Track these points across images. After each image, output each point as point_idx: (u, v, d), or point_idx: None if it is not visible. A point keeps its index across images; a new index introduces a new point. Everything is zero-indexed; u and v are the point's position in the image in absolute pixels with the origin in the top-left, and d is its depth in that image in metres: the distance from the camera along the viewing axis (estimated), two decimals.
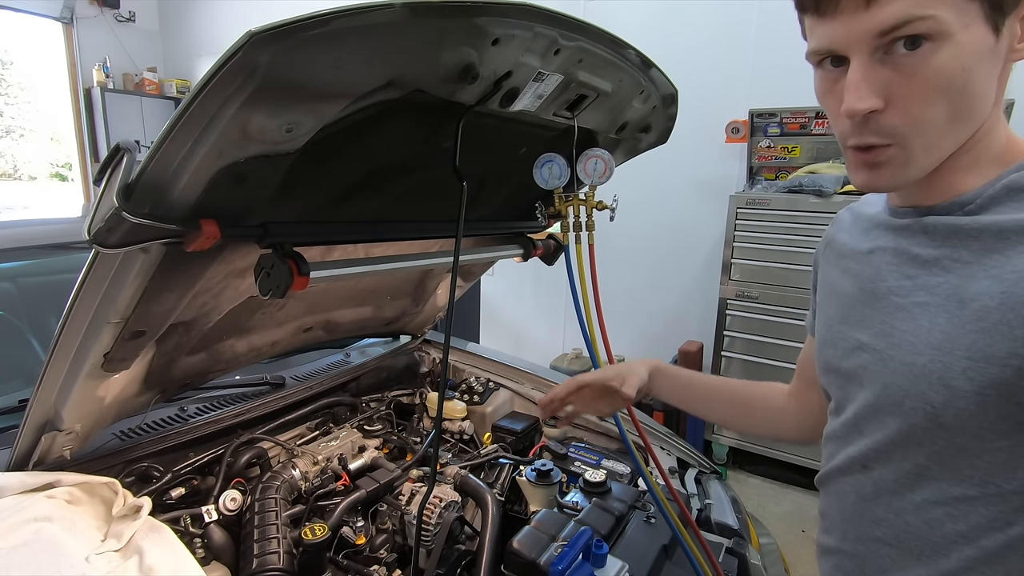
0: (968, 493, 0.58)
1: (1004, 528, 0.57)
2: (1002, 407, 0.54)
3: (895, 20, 0.50)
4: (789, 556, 1.42)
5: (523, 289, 4.42)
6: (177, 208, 0.76)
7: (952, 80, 0.51)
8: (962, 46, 0.50)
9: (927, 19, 0.49)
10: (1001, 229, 0.55)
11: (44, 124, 8.12)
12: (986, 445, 0.56)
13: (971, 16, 0.50)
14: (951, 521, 0.60)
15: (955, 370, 0.56)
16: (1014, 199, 0.56)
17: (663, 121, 1.25)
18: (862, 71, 0.53)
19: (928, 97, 0.52)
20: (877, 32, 0.51)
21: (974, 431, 0.56)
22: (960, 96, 0.52)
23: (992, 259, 0.55)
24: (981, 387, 0.54)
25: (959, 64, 0.51)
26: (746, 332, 3.11)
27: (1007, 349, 0.52)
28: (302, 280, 0.86)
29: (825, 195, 2.79)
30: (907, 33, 0.50)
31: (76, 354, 0.96)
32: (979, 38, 0.51)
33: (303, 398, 1.54)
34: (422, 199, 1.16)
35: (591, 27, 0.87)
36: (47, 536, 0.85)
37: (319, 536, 1.12)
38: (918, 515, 0.62)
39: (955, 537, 0.60)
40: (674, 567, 1.16)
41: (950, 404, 0.56)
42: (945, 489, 0.60)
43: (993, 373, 0.53)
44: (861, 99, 0.53)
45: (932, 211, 0.61)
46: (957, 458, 0.59)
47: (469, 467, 1.49)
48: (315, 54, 0.64)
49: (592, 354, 1.14)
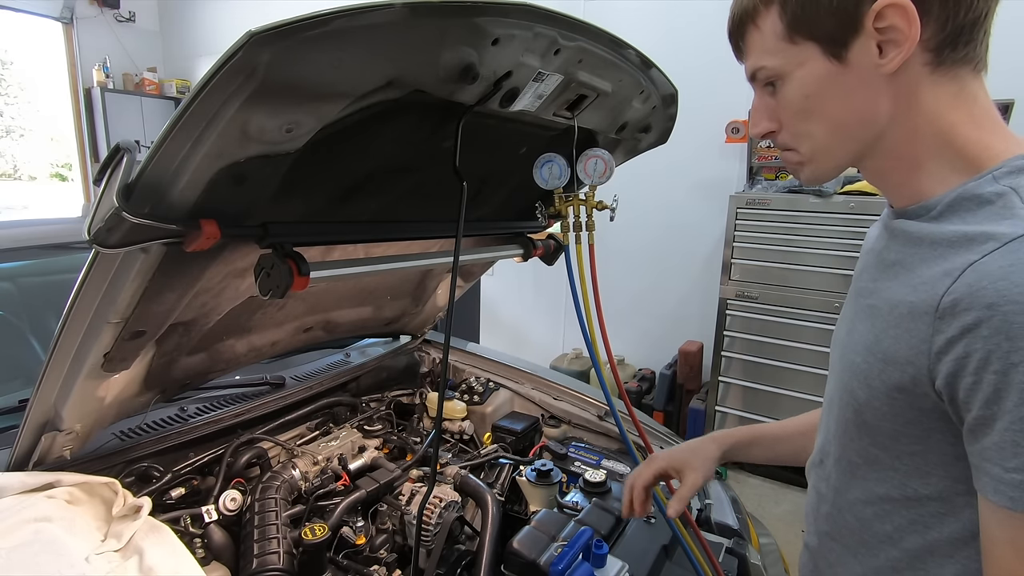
0: (890, 494, 0.63)
1: (923, 532, 0.61)
2: (908, 411, 0.59)
3: (751, 70, 0.66)
4: (789, 556, 1.42)
5: (523, 289, 4.42)
6: (177, 208, 0.76)
7: (802, 104, 0.63)
8: (801, 78, 0.62)
9: (763, 68, 0.64)
10: (935, 240, 0.58)
11: (44, 124, 8.12)
12: (903, 448, 0.61)
13: (804, 56, 0.60)
14: (879, 521, 0.65)
15: (874, 371, 0.61)
16: (964, 209, 0.57)
17: (663, 121, 1.25)
18: (755, 103, 0.68)
19: (795, 118, 0.64)
20: (749, 77, 0.67)
21: (890, 432, 0.62)
22: (820, 114, 0.63)
23: (920, 268, 0.58)
24: (890, 388, 0.59)
25: (802, 92, 0.62)
26: (746, 332, 3.11)
27: (904, 356, 0.57)
28: (302, 280, 0.86)
29: (825, 195, 2.79)
30: (760, 79, 0.65)
31: (76, 354, 0.96)
32: (818, 70, 0.60)
33: (303, 398, 1.54)
34: (422, 199, 1.15)
35: (591, 27, 0.87)
36: (47, 536, 0.85)
37: (319, 536, 1.12)
38: (853, 512, 0.68)
39: (882, 537, 0.65)
40: (674, 567, 1.16)
41: (869, 403, 0.62)
42: (872, 489, 0.65)
43: (896, 376, 0.58)
44: (755, 125, 0.69)
45: (904, 213, 0.64)
46: (880, 458, 0.64)
47: (469, 467, 1.49)
48: (315, 54, 0.64)
49: (592, 354, 1.14)
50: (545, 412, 1.81)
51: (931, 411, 0.57)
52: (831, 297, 2.84)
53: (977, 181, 0.57)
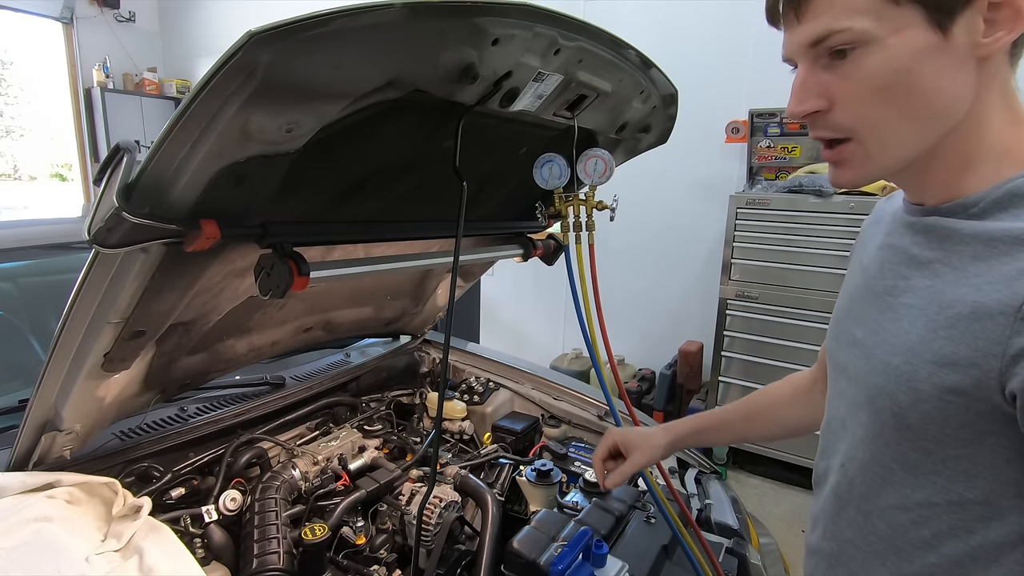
0: (931, 499, 0.59)
1: (965, 536, 0.58)
2: (963, 415, 0.55)
3: (818, 34, 0.55)
4: (789, 556, 1.42)
5: (523, 289, 4.42)
6: (177, 208, 0.76)
7: (887, 81, 0.54)
8: (893, 48, 0.53)
9: (844, 31, 0.53)
10: (992, 237, 0.55)
11: (44, 124, 8.12)
12: (949, 451, 0.57)
13: (904, 20, 0.52)
14: (915, 527, 0.61)
15: (922, 373, 0.57)
16: (1017, 206, 0.54)
17: (663, 121, 1.25)
18: (802, 77, 0.58)
19: (867, 98, 0.55)
20: (808, 44, 0.56)
21: (938, 436, 0.57)
22: (906, 96, 0.54)
23: (976, 267, 0.55)
24: (943, 391, 0.55)
25: (891, 66, 0.53)
26: (746, 332, 3.11)
27: (968, 358, 0.53)
28: (302, 280, 0.86)
29: (825, 195, 2.79)
30: (830, 45, 0.55)
31: (76, 354, 0.96)
32: (917, 40, 0.52)
33: (303, 398, 1.54)
34: (422, 199, 1.15)
35: (591, 27, 0.87)
36: (47, 536, 0.85)
37: (319, 536, 1.12)
38: (884, 519, 0.64)
39: (919, 543, 0.61)
40: (674, 567, 1.16)
41: (915, 406, 0.58)
42: (909, 495, 0.61)
43: (955, 379, 0.54)
44: (799, 102, 0.59)
45: (937, 211, 0.61)
46: (921, 462, 0.59)
47: (469, 467, 1.49)
48: (315, 54, 0.64)
49: (592, 354, 1.14)
50: (545, 412, 1.81)
51: (989, 414, 0.54)
52: (831, 297, 2.81)
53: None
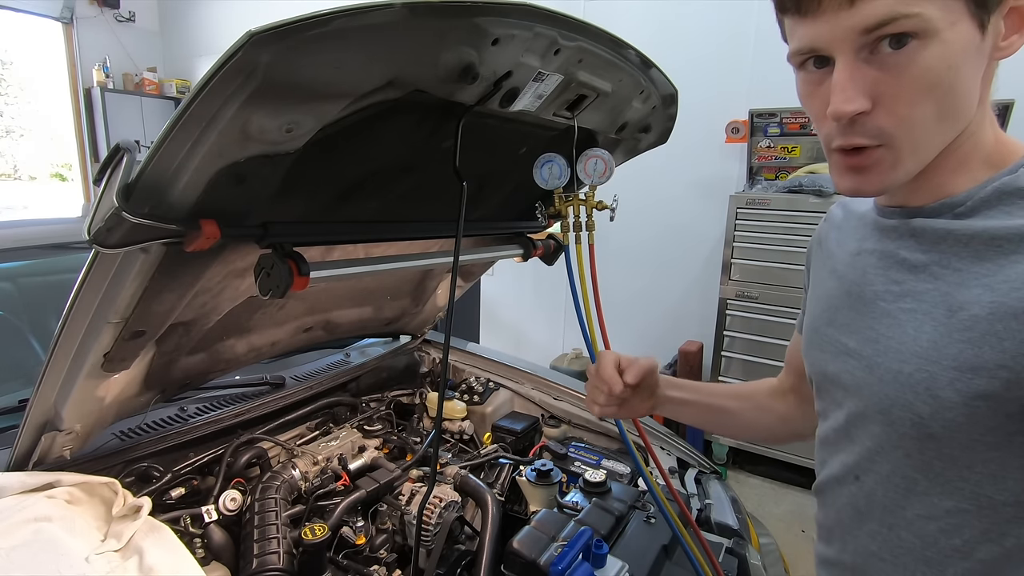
0: (960, 506, 0.57)
1: (998, 540, 0.56)
2: (992, 418, 0.52)
3: (880, 17, 0.49)
4: (789, 556, 1.42)
5: (523, 289, 4.42)
6: (177, 208, 0.76)
7: (940, 79, 0.50)
8: (949, 44, 0.49)
9: (913, 16, 0.48)
10: (994, 236, 0.53)
11: (44, 124, 8.12)
12: (976, 456, 0.55)
13: (957, 13, 0.49)
14: (945, 536, 0.59)
15: (942, 380, 0.54)
16: (1006, 203, 0.54)
17: (663, 121, 1.25)
18: (848, 71, 0.52)
19: (916, 97, 0.51)
20: (862, 30, 0.50)
21: (964, 442, 0.55)
22: (948, 95, 0.51)
23: (983, 267, 0.54)
24: (969, 398, 0.53)
25: (946, 62, 0.50)
26: (746, 332, 3.11)
27: (995, 360, 0.51)
28: (302, 280, 0.86)
29: (825, 195, 2.79)
30: (893, 31, 0.49)
31: (76, 354, 0.96)
32: (965, 35, 0.50)
33: (303, 398, 1.54)
34: (422, 199, 1.15)
35: (591, 27, 0.87)
36: (47, 536, 0.85)
37: (319, 536, 1.12)
38: (911, 530, 0.61)
39: (950, 551, 0.58)
40: (674, 567, 1.16)
41: (938, 415, 0.55)
42: (936, 503, 0.59)
43: (982, 384, 0.52)
44: (848, 100, 0.52)
45: (920, 212, 0.60)
46: (946, 470, 0.57)
47: (469, 467, 1.49)
48: (315, 54, 0.64)
49: (592, 354, 1.14)
50: (545, 412, 1.81)
51: (1018, 414, 0.51)
52: None
53: (1013, 175, 0.54)
